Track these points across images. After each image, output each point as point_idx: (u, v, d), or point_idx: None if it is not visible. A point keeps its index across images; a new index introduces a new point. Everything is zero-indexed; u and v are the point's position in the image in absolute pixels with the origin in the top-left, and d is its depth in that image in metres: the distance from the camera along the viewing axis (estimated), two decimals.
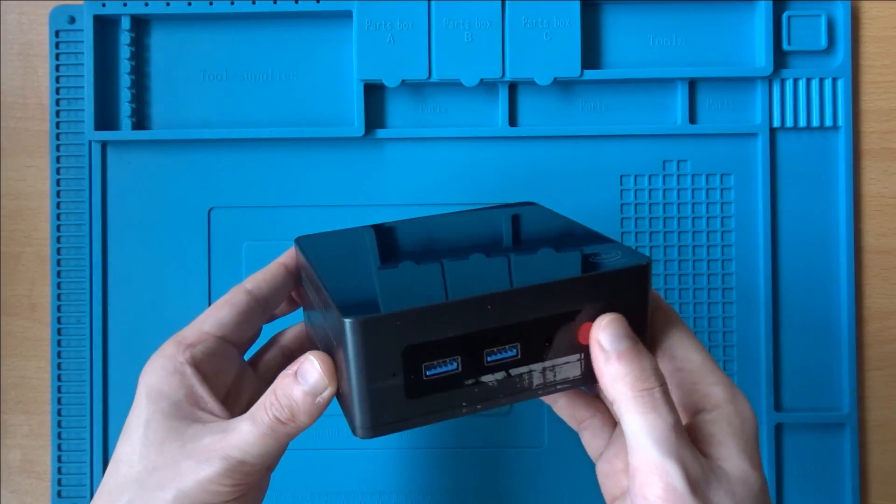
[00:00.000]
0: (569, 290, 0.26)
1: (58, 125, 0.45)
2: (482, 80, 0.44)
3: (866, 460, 0.45)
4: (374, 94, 0.45)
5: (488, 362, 0.26)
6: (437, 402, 0.26)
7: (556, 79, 0.44)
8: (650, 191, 0.45)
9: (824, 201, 0.45)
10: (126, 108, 0.45)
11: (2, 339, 0.46)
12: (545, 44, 0.44)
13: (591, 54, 0.45)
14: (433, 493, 0.45)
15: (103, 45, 0.45)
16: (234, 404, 0.32)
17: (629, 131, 0.45)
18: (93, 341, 0.45)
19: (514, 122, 0.45)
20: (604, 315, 0.27)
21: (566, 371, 0.28)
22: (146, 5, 0.44)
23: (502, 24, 0.44)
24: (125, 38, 0.45)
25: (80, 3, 0.45)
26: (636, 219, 0.45)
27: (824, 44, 0.44)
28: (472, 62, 0.44)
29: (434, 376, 0.26)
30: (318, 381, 0.27)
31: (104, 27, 0.45)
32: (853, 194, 0.45)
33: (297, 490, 0.45)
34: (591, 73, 0.44)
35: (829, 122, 0.44)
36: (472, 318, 0.25)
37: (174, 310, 0.45)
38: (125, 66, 0.45)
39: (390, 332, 0.25)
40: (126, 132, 0.45)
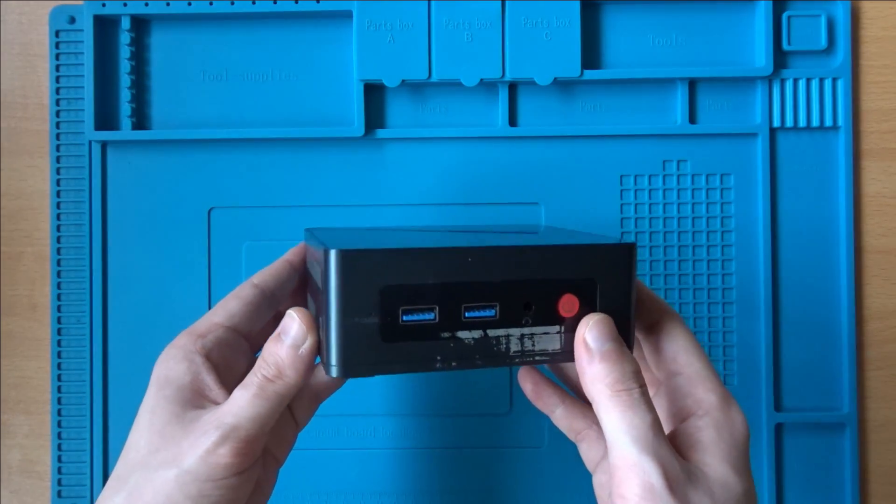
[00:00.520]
0: (550, 256, 0.28)
1: (58, 125, 0.45)
2: (482, 80, 0.44)
3: (866, 460, 0.45)
4: (374, 94, 0.45)
5: (466, 318, 0.27)
6: (411, 351, 0.27)
7: (556, 79, 0.44)
8: (650, 191, 0.45)
9: (824, 201, 0.45)
10: (126, 108, 0.45)
11: (2, 339, 0.46)
12: (545, 44, 0.44)
13: (591, 54, 0.45)
14: (433, 493, 0.45)
15: (103, 45, 0.45)
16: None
17: (629, 131, 0.45)
18: (93, 341, 0.45)
19: (514, 122, 0.45)
20: (592, 314, 0.28)
21: (545, 342, 0.28)
22: (146, 5, 0.44)
23: (502, 24, 0.44)
24: (125, 38, 0.45)
25: (80, 3, 0.45)
26: (636, 219, 0.45)
27: (824, 44, 0.44)
28: (472, 62, 0.44)
29: (410, 322, 0.27)
30: (297, 332, 0.28)
31: (104, 27, 0.45)
32: (853, 194, 0.45)
33: (298, 490, 0.45)
34: (591, 73, 0.44)
35: (829, 122, 0.44)
36: (451, 269, 0.27)
37: (174, 310, 0.45)
38: (125, 66, 0.45)
39: (369, 268, 0.26)
40: (126, 132, 0.45)
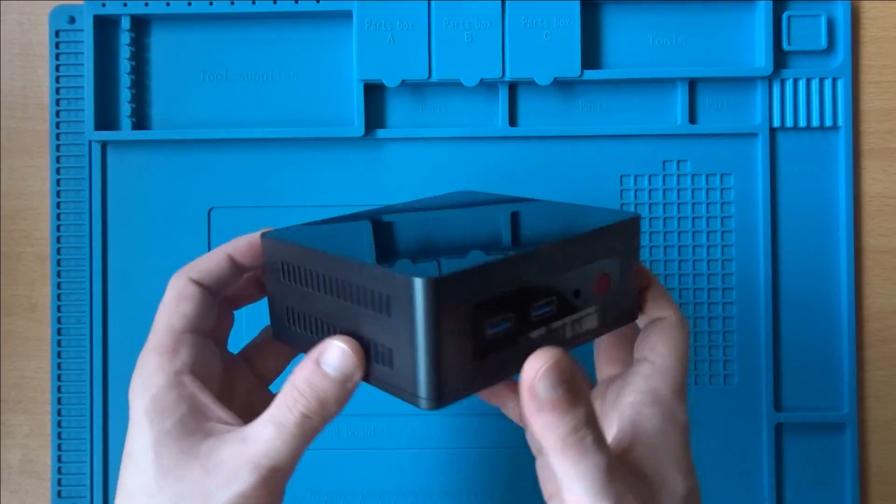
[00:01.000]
0: (592, 241, 0.28)
1: (58, 125, 0.45)
2: (482, 80, 0.44)
3: (866, 460, 0.45)
4: (374, 94, 0.45)
5: (533, 317, 0.27)
6: (496, 363, 0.26)
7: (556, 79, 0.44)
8: (650, 191, 0.45)
9: (824, 201, 0.45)
10: (126, 108, 0.45)
11: (2, 339, 0.46)
12: (545, 44, 0.44)
13: (591, 54, 0.45)
14: (433, 493, 0.45)
15: (103, 45, 0.45)
16: (231, 400, 0.31)
17: (629, 131, 0.45)
18: (93, 341, 0.45)
19: (514, 122, 0.45)
20: (540, 358, 0.25)
21: (587, 323, 0.29)
22: (146, 5, 0.44)
23: (502, 24, 0.44)
24: (125, 38, 0.45)
25: (80, 3, 0.45)
26: None
27: (824, 44, 0.44)
28: (472, 62, 0.44)
29: (494, 335, 0.26)
30: (349, 366, 0.26)
31: (104, 27, 0.45)
32: (853, 194, 0.45)
33: (298, 490, 0.45)
34: (591, 73, 0.44)
35: (829, 122, 0.44)
36: (526, 273, 0.26)
37: None
38: (125, 66, 0.45)
39: (462, 290, 0.24)
40: (126, 132, 0.45)
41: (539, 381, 0.24)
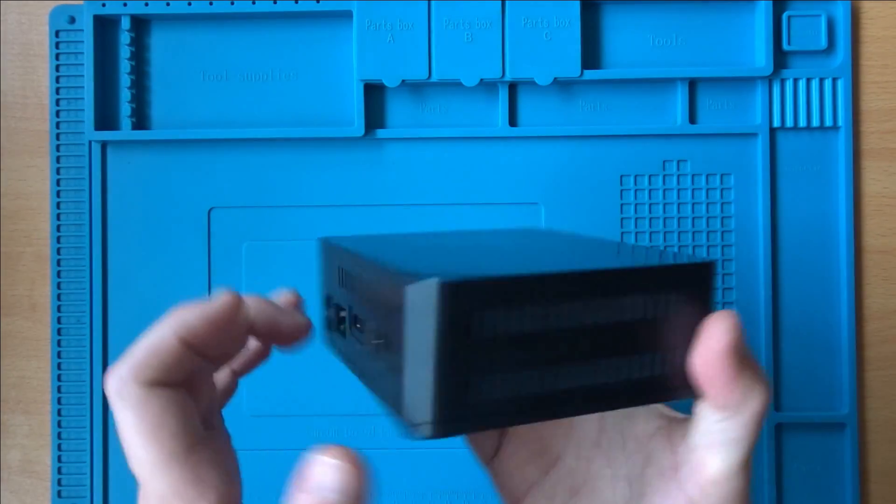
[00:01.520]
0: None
1: (58, 125, 0.45)
2: (482, 80, 0.44)
3: (866, 460, 0.45)
4: (374, 94, 0.45)
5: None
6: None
7: (556, 79, 0.44)
8: (650, 191, 0.45)
9: (824, 201, 0.45)
10: (126, 108, 0.45)
11: (2, 339, 0.46)
12: (545, 44, 0.44)
13: (591, 54, 0.45)
14: (433, 493, 0.45)
15: (103, 45, 0.45)
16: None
17: (629, 131, 0.45)
18: (93, 341, 0.45)
19: (514, 122, 0.45)
20: (728, 316, 0.24)
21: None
22: (146, 5, 0.44)
23: (502, 24, 0.44)
24: (125, 38, 0.45)
25: (80, 3, 0.45)
26: (636, 219, 0.45)
27: (824, 44, 0.44)
28: (472, 62, 0.44)
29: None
30: (347, 481, 0.20)
31: (104, 27, 0.45)
32: (853, 194, 0.45)
33: None
34: (591, 73, 0.44)
35: (829, 122, 0.44)
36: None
37: None
38: (125, 66, 0.45)
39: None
40: (126, 132, 0.45)
41: (741, 339, 0.23)
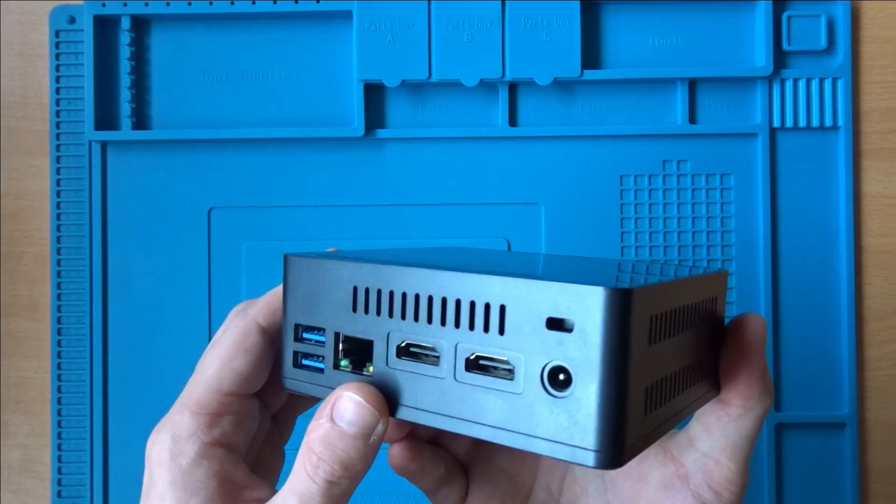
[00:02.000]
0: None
1: (58, 125, 0.45)
2: (482, 80, 0.44)
3: (866, 460, 0.45)
4: (374, 94, 0.45)
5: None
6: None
7: (556, 79, 0.44)
8: (650, 191, 0.45)
9: (824, 201, 0.45)
10: (126, 108, 0.45)
11: (2, 339, 0.46)
12: (545, 44, 0.44)
13: (591, 54, 0.45)
14: None
15: (103, 45, 0.45)
16: (269, 464, 0.28)
17: (629, 131, 0.45)
18: (93, 341, 0.45)
19: (514, 122, 0.45)
20: (755, 315, 0.26)
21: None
22: (146, 5, 0.44)
23: (502, 24, 0.44)
24: (125, 38, 0.45)
25: (80, 3, 0.45)
26: (636, 219, 0.45)
27: (824, 44, 0.44)
28: (472, 62, 0.44)
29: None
30: (367, 419, 0.22)
31: (104, 27, 0.45)
32: (853, 194, 0.45)
33: None
34: (591, 73, 0.44)
35: (829, 122, 0.44)
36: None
37: (174, 310, 0.45)
38: (125, 66, 0.45)
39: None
40: (126, 132, 0.45)
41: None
